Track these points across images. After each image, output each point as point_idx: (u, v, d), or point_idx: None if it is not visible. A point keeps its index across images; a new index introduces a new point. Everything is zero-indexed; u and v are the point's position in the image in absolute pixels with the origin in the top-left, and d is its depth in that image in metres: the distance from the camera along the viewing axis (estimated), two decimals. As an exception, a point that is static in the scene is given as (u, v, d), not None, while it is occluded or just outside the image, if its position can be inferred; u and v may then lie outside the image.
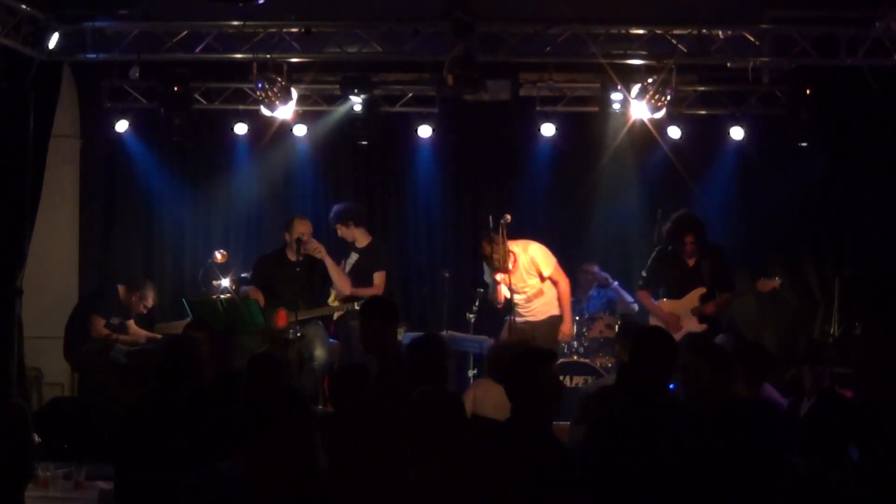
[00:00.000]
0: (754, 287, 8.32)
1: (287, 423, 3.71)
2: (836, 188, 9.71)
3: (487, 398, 5.66)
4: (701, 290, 8.16)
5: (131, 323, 9.14)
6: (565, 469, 4.21)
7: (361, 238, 8.81)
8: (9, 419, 5.05)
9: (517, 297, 8.21)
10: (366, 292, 8.26)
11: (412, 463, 3.52)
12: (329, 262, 8.29)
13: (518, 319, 8.19)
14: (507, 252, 8.07)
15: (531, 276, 8.26)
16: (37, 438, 6.73)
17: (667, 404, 4.45)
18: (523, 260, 8.24)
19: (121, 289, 9.11)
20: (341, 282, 8.34)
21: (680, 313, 8.18)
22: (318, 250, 8.25)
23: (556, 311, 8.30)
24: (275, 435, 3.69)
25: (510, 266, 8.10)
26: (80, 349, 8.76)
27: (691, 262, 8.21)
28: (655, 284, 8.42)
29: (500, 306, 8.32)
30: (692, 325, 8.14)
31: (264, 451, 3.68)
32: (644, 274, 8.42)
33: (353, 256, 8.78)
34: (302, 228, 8.38)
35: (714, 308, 8.14)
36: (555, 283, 8.29)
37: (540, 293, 8.30)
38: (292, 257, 8.42)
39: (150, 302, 9.20)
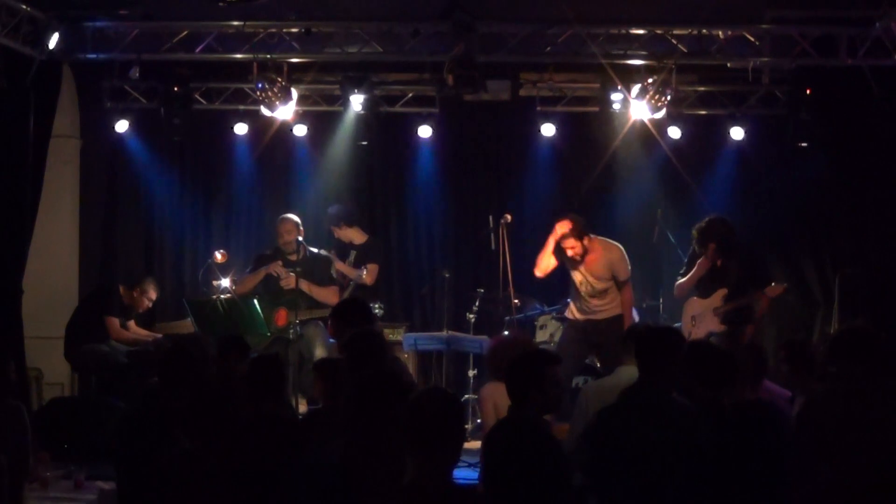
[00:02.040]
0: (764, 293, 8.25)
1: (386, 409, 3.71)
2: (836, 188, 9.70)
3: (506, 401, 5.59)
4: (724, 291, 8.17)
5: (132, 324, 9.14)
6: (562, 468, 4.23)
7: (357, 237, 9.00)
8: (7, 420, 5.07)
9: (583, 292, 8.09)
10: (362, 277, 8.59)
11: (409, 464, 3.53)
12: (306, 286, 8.41)
13: (579, 317, 8.08)
14: (581, 247, 7.94)
15: (604, 279, 8.05)
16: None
17: (672, 406, 4.42)
18: (603, 261, 8.04)
19: (121, 289, 9.11)
20: (327, 297, 8.48)
21: (704, 313, 8.21)
22: (289, 282, 8.35)
23: (618, 311, 8.09)
24: (376, 421, 3.70)
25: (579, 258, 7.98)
26: (80, 349, 8.76)
27: (718, 263, 8.22)
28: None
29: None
30: (713, 326, 8.14)
31: (367, 437, 3.68)
32: (682, 271, 8.48)
33: (353, 255, 8.90)
34: (284, 229, 8.51)
35: (729, 308, 8.13)
36: (624, 288, 8.11)
37: (606, 293, 8.12)
38: (292, 257, 8.46)
39: (152, 295, 9.16)
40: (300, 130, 9.96)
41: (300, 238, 8.55)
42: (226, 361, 5.73)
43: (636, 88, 8.75)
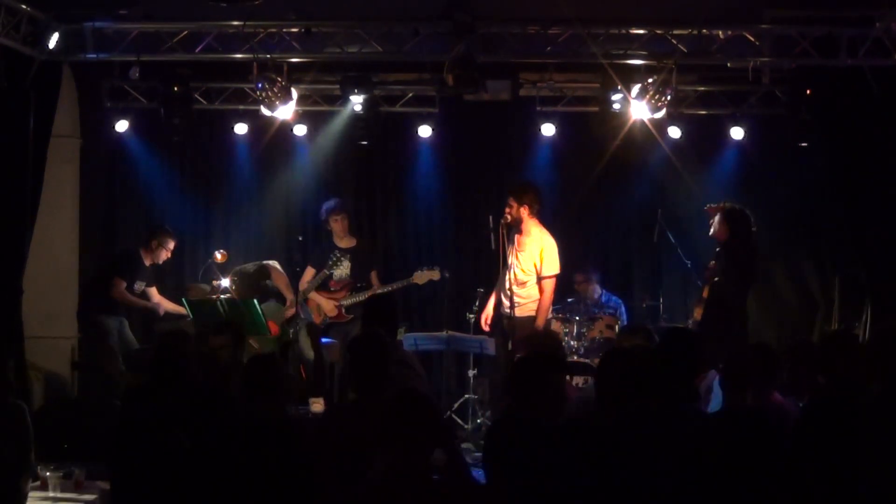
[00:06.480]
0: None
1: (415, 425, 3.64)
2: (836, 188, 9.69)
3: None
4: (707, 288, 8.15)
5: (153, 291, 9.11)
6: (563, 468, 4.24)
7: (347, 237, 9.05)
8: (9, 419, 5.07)
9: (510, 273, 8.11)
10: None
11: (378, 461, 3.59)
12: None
13: (504, 305, 8.09)
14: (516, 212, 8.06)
15: (529, 265, 8.12)
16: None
17: (687, 412, 4.38)
18: (535, 245, 8.11)
19: (142, 252, 9.11)
20: (286, 284, 8.75)
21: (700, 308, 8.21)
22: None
23: (534, 314, 8.14)
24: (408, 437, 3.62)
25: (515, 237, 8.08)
26: (88, 318, 8.93)
27: (715, 256, 8.19)
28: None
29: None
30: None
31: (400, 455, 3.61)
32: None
33: (338, 257, 8.83)
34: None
35: (699, 307, 8.12)
36: (542, 290, 8.12)
37: (526, 284, 8.16)
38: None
39: (171, 245, 9.20)
40: (300, 130, 9.97)
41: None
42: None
43: (636, 88, 8.74)
